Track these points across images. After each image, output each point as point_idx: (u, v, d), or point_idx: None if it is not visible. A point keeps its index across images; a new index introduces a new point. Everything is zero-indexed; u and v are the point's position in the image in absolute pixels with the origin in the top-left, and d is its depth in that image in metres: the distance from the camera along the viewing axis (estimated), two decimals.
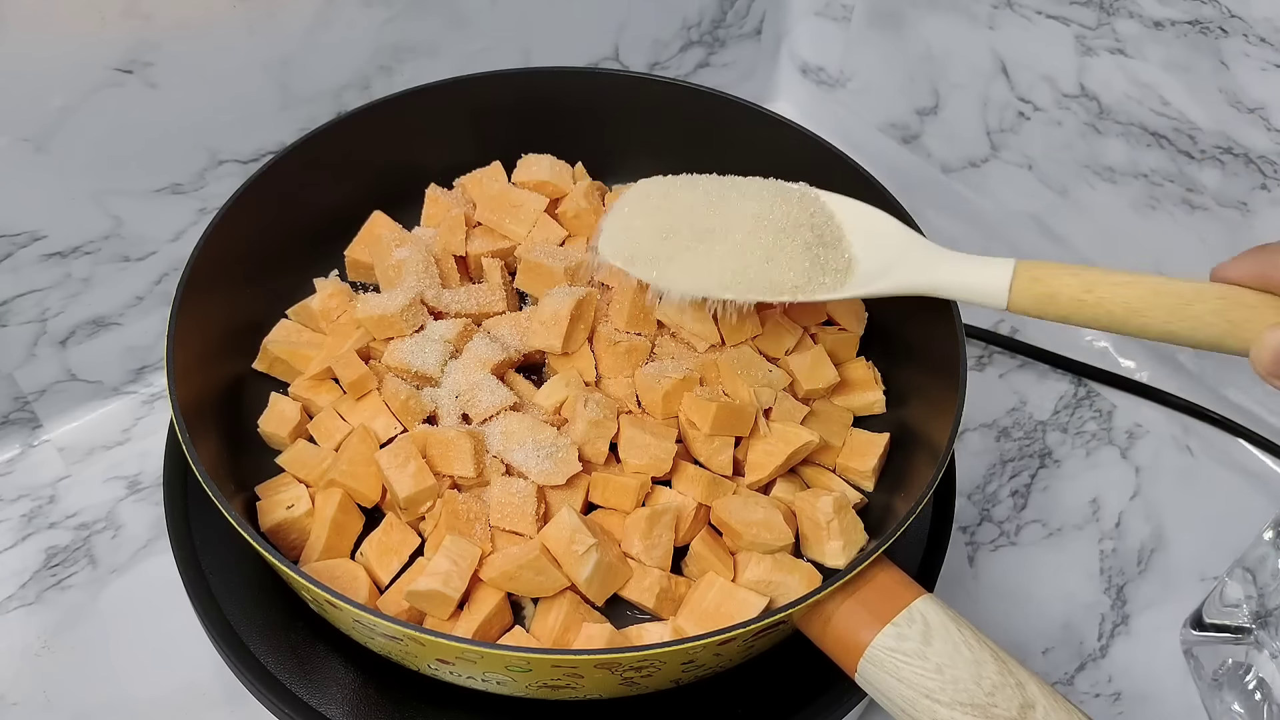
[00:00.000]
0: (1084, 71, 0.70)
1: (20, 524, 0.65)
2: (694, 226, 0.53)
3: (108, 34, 0.58)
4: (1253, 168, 0.65)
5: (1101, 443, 0.73)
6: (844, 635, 0.45)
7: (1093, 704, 0.62)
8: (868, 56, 0.85)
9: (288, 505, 0.52)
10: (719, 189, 0.54)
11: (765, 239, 0.52)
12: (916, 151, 0.85)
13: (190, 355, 0.51)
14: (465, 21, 0.70)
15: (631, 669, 0.43)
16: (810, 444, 0.54)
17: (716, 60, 0.86)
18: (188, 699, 0.58)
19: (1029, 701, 0.42)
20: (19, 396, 0.67)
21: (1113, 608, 0.66)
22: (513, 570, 0.48)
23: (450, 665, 0.45)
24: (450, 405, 0.55)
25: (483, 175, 0.64)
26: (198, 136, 0.64)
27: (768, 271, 0.51)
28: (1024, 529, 0.69)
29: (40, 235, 0.62)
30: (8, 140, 0.58)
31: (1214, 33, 0.63)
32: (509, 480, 0.52)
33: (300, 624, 0.51)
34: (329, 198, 0.61)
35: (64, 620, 0.61)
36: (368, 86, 0.69)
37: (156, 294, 0.68)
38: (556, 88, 0.65)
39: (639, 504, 0.53)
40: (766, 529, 0.51)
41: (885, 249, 0.52)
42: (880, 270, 0.52)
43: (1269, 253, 0.42)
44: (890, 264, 0.51)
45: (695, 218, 0.53)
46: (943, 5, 0.77)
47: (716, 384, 0.57)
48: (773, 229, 0.52)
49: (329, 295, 0.59)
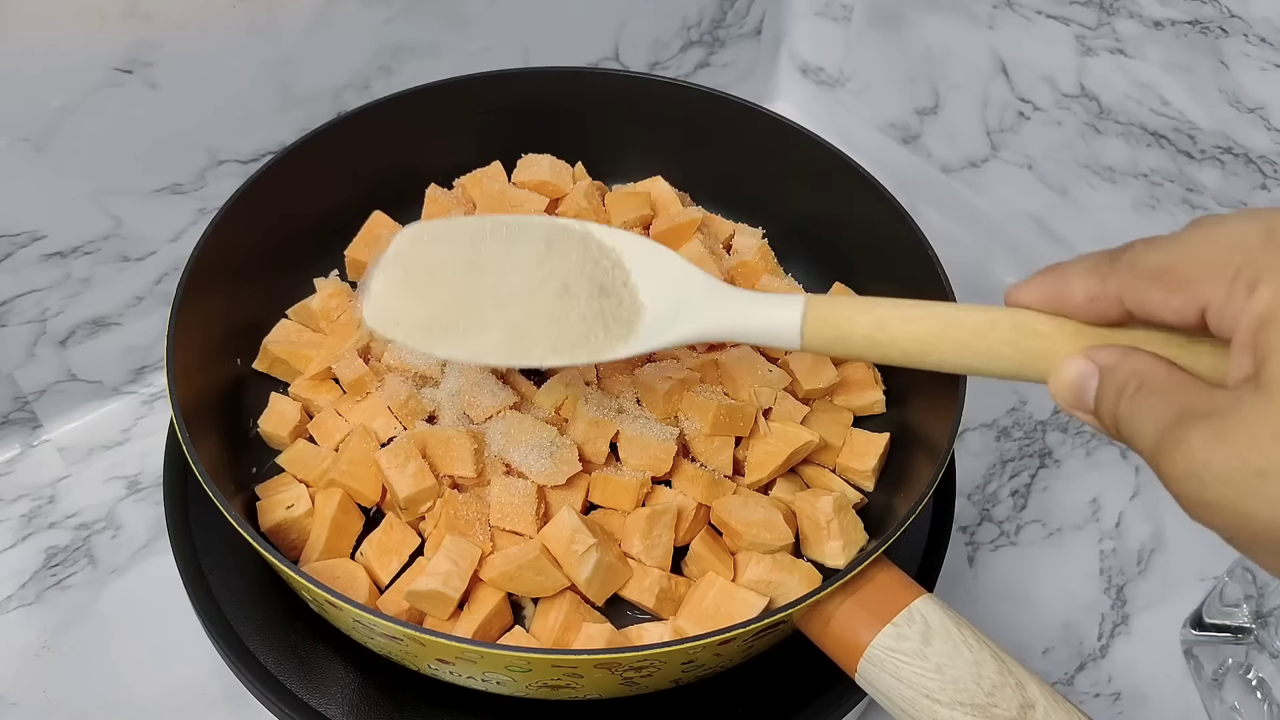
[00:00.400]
0: (1084, 71, 0.70)
1: (20, 524, 0.65)
2: (465, 282, 0.48)
3: (108, 34, 0.57)
4: (1253, 168, 0.65)
5: (1101, 443, 0.73)
6: (844, 635, 0.45)
7: (1093, 704, 0.62)
8: (868, 56, 0.85)
9: (288, 505, 0.52)
10: (489, 233, 0.49)
11: (544, 291, 0.47)
12: (916, 151, 0.85)
13: (190, 355, 0.51)
14: (465, 21, 0.70)
15: (631, 669, 0.43)
16: (810, 444, 0.54)
17: (716, 60, 0.86)
18: (188, 699, 0.58)
19: (1029, 701, 0.42)
20: (19, 396, 0.67)
21: (1113, 608, 0.66)
22: (513, 570, 0.48)
23: (450, 665, 0.45)
24: (450, 405, 0.55)
25: (483, 175, 0.64)
26: (198, 136, 0.64)
27: (548, 329, 0.46)
28: (1024, 529, 0.69)
29: (40, 235, 0.62)
30: (8, 140, 0.58)
31: (1214, 33, 0.63)
32: (509, 480, 0.52)
33: (300, 624, 0.51)
34: (329, 198, 0.61)
35: (64, 620, 0.61)
36: (368, 86, 0.69)
37: (156, 294, 0.68)
38: (556, 88, 0.65)
39: (639, 504, 0.53)
40: (766, 529, 0.51)
41: (671, 292, 0.47)
42: (668, 317, 0.46)
43: (1060, 273, 0.38)
44: (679, 309, 0.46)
45: (464, 271, 0.48)
46: (943, 5, 0.77)
47: (716, 384, 0.57)
48: (552, 278, 0.47)
49: (329, 295, 0.59)
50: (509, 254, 0.48)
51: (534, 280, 0.47)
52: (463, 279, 0.48)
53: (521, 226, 0.49)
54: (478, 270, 0.48)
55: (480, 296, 0.47)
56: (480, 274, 0.48)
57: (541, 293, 0.47)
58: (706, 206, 0.65)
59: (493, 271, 0.48)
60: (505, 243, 0.48)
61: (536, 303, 0.47)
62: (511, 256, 0.48)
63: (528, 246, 0.48)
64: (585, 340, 0.46)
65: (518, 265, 0.48)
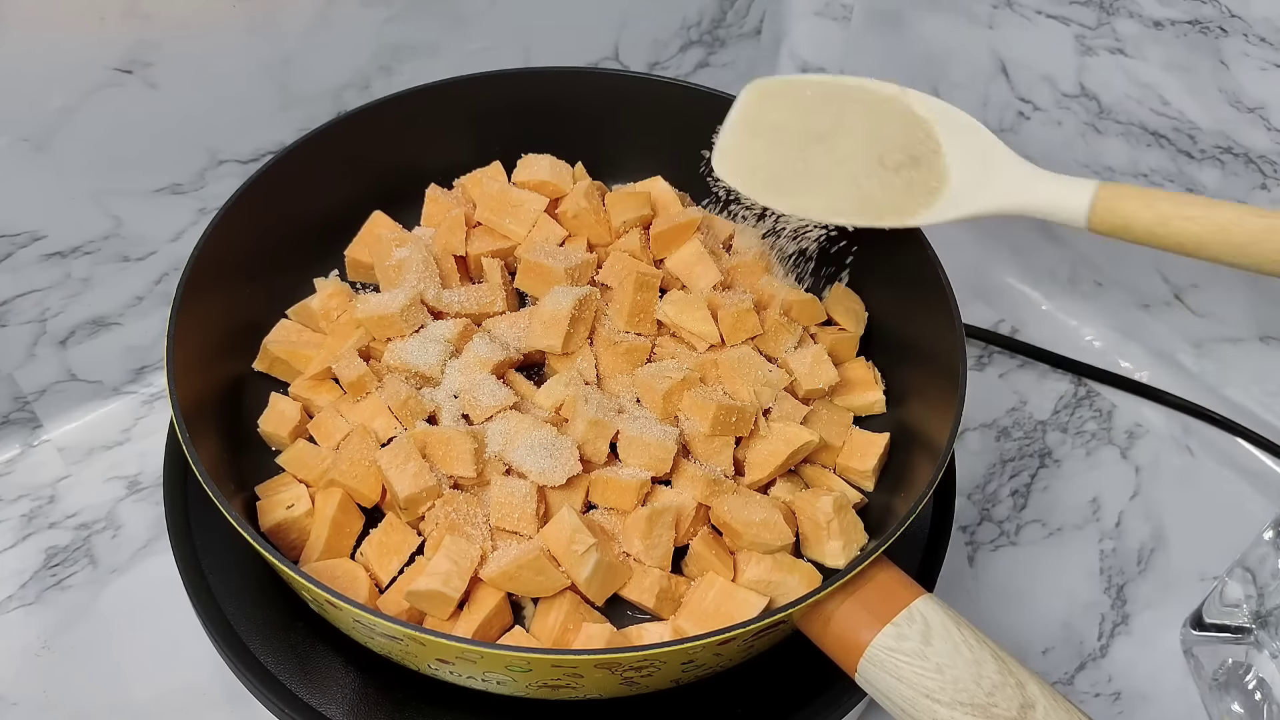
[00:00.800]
0: (1084, 71, 0.70)
1: (20, 524, 0.65)
2: (807, 140, 0.54)
3: (108, 34, 0.58)
4: (1253, 168, 0.65)
5: (1101, 442, 0.73)
6: (844, 635, 0.45)
7: (1093, 704, 0.62)
8: (868, 56, 0.85)
9: (288, 505, 0.52)
10: (825, 95, 0.55)
11: (868, 155, 0.53)
12: None
13: (190, 355, 0.51)
14: (465, 21, 0.70)
15: (631, 669, 0.43)
16: (810, 444, 0.54)
17: (716, 60, 0.86)
18: (188, 699, 0.58)
19: (1029, 701, 0.42)
20: (19, 396, 0.67)
21: (1113, 607, 0.66)
22: (513, 570, 0.48)
23: (450, 665, 0.45)
24: (450, 405, 0.55)
25: (483, 175, 0.64)
26: (198, 136, 0.64)
27: (868, 191, 0.53)
28: (1024, 529, 0.69)
29: (40, 235, 0.62)
30: (8, 140, 0.58)
31: (1214, 33, 0.63)
32: (509, 480, 0.52)
33: (300, 624, 0.51)
34: (329, 198, 0.61)
35: (64, 620, 0.61)
36: (368, 86, 0.69)
37: (156, 294, 0.68)
38: (556, 88, 0.65)
39: (639, 504, 0.53)
40: (766, 529, 0.51)
41: (975, 163, 0.53)
42: (969, 189, 0.52)
43: None
44: (980, 182, 0.52)
45: (807, 130, 0.54)
46: (943, 5, 0.77)
47: (716, 384, 0.57)
48: (875, 144, 0.53)
49: (329, 295, 0.59)
50: (841, 120, 0.54)
51: (862, 143, 0.53)
52: (808, 137, 0.54)
53: (851, 90, 0.55)
54: (819, 131, 0.54)
55: (818, 158, 0.54)
56: (822, 133, 0.54)
57: (868, 155, 0.53)
58: (706, 207, 0.65)
59: (832, 132, 0.54)
60: (837, 106, 0.54)
61: (864, 164, 0.53)
62: (845, 123, 0.54)
63: (858, 114, 0.54)
64: (894, 207, 0.52)
65: (851, 130, 0.53)
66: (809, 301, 0.60)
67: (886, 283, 0.60)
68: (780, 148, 0.54)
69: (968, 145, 0.53)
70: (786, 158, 0.54)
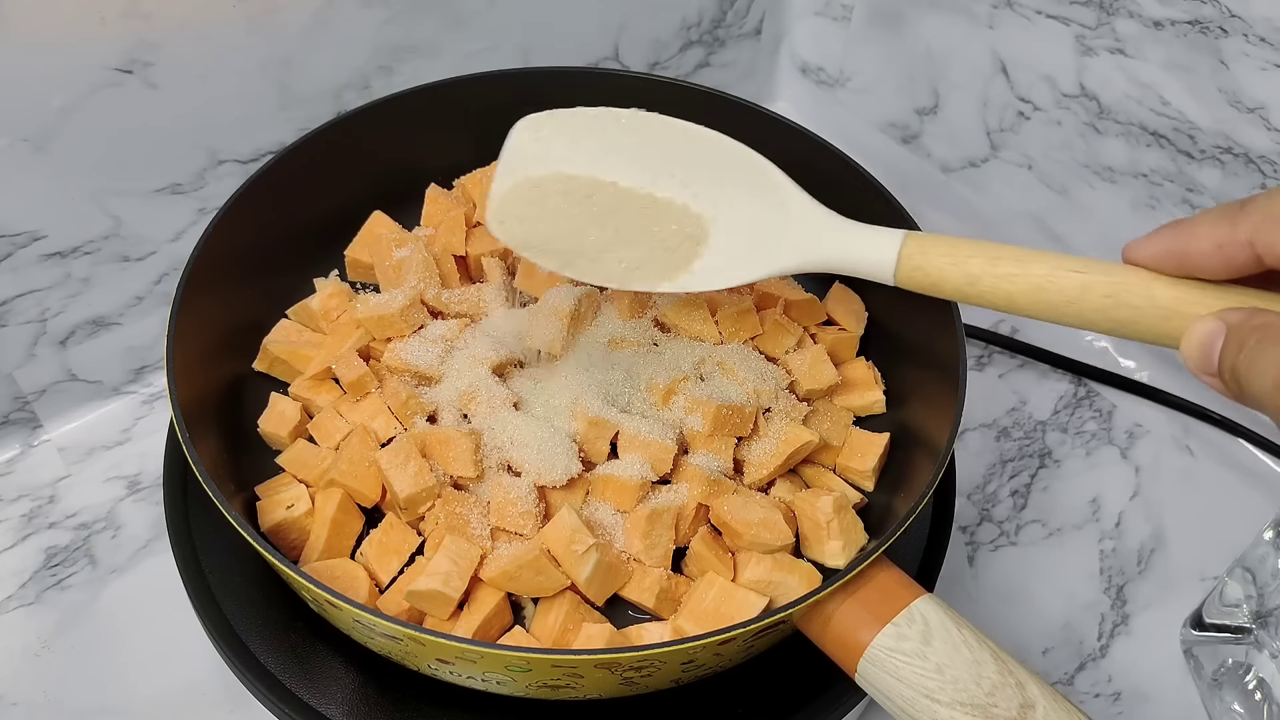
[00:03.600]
0: (1084, 71, 0.70)
1: (20, 524, 0.65)
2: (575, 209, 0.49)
3: (108, 34, 0.58)
4: (1253, 168, 0.65)
5: (1101, 443, 0.73)
6: (844, 635, 0.45)
7: (1093, 704, 0.62)
8: (867, 56, 0.85)
9: (288, 505, 0.52)
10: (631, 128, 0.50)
11: (639, 217, 0.48)
12: (916, 151, 0.85)
13: (190, 355, 0.51)
14: (464, 21, 0.70)
15: (631, 669, 0.43)
16: (810, 444, 0.54)
17: (716, 60, 0.86)
18: (188, 699, 0.58)
19: (1029, 701, 0.42)
20: (19, 396, 0.67)
21: (1113, 608, 0.66)
22: (513, 570, 0.48)
23: (450, 665, 0.45)
24: (450, 405, 0.55)
25: (483, 175, 0.64)
26: (198, 136, 0.64)
27: (639, 255, 0.48)
28: (1024, 529, 0.69)
29: (40, 235, 0.62)
30: (8, 140, 0.58)
31: (1214, 33, 0.63)
32: (509, 480, 0.52)
33: (300, 624, 0.51)
34: (329, 198, 0.61)
35: (64, 620, 0.61)
36: (368, 86, 0.69)
37: (156, 294, 0.68)
38: (556, 88, 0.65)
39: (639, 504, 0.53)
40: (766, 529, 0.51)
41: (768, 222, 0.48)
42: (767, 246, 0.47)
43: (1183, 225, 0.38)
44: (772, 241, 0.47)
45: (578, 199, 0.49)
46: (943, 5, 0.77)
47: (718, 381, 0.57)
48: (650, 203, 0.48)
49: (329, 295, 0.59)
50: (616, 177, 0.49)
51: (634, 204, 0.48)
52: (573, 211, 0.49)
53: (649, 124, 0.50)
54: (587, 199, 0.49)
55: (586, 220, 0.48)
56: (587, 205, 0.49)
57: (636, 218, 0.48)
58: None
59: (599, 201, 0.49)
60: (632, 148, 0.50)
61: (632, 228, 0.48)
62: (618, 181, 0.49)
63: (628, 164, 0.49)
64: (667, 273, 0.48)
65: (620, 183, 0.49)
66: (809, 301, 0.60)
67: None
68: (555, 207, 0.49)
69: (763, 204, 0.48)
70: (563, 217, 0.49)
